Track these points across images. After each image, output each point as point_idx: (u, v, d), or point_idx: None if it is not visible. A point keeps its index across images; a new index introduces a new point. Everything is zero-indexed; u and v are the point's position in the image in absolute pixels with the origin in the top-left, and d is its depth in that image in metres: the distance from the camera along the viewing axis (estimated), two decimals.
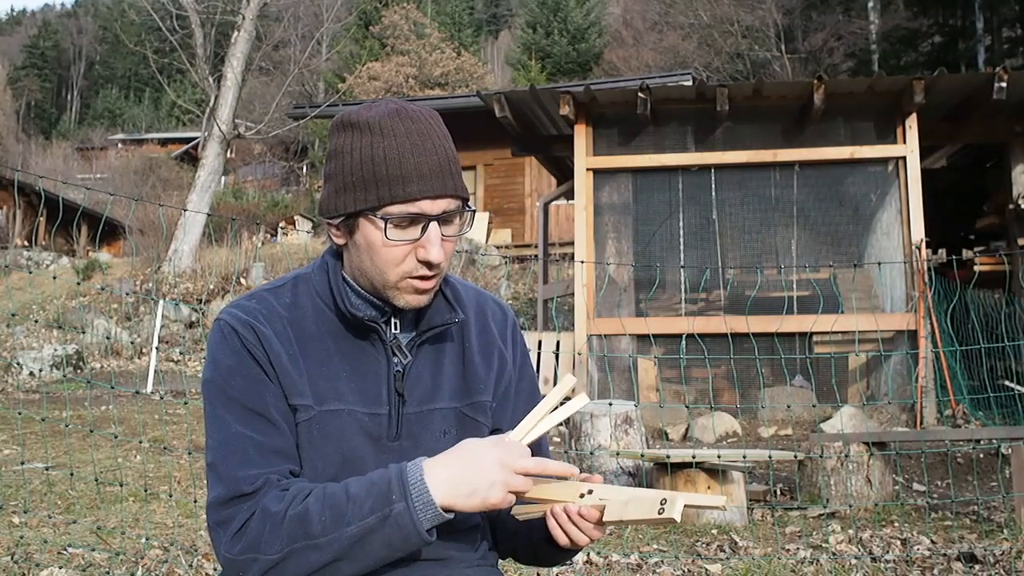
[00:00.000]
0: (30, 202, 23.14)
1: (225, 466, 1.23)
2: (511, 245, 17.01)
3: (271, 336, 1.27)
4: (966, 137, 8.33)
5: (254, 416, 1.24)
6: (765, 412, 7.22)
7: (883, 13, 27.49)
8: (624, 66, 29.88)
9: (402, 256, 1.24)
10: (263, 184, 32.92)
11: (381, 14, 29.14)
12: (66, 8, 75.11)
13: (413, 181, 1.21)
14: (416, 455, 1.28)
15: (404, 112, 1.26)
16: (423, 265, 1.25)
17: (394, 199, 1.22)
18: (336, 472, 1.26)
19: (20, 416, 5.68)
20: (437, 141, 1.25)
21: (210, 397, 1.27)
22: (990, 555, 3.63)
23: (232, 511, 1.20)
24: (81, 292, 15.28)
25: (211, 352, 1.29)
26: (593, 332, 7.51)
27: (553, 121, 8.36)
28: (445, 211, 1.24)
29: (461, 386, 1.36)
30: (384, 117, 1.25)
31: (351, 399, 1.28)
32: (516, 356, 1.45)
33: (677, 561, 3.63)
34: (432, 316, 1.34)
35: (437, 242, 1.24)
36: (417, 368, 1.33)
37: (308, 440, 1.26)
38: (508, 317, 1.47)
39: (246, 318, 1.28)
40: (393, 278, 1.26)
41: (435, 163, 1.23)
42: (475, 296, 1.45)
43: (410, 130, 1.24)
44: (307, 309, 1.32)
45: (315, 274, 1.36)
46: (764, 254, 8.01)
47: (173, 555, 3.52)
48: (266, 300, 1.32)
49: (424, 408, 1.32)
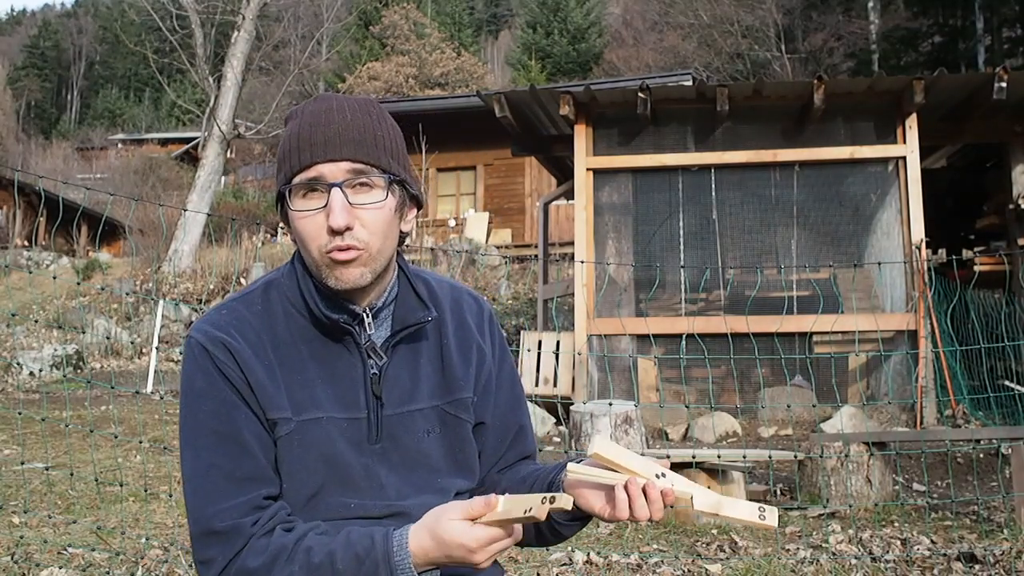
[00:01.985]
0: (30, 202, 23.13)
1: (195, 500, 1.22)
2: (511, 245, 17.01)
3: (243, 349, 1.25)
4: (966, 137, 8.33)
5: (225, 441, 1.22)
6: (765, 412, 7.22)
7: (883, 13, 27.49)
8: (624, 66, 29.89)
9: (316, 229, 1.23)
10: (263, 184, 32.89)
11: (381, 14, 29.14)
12: (66, 8, 75.13)
13: (307, 149, 1.22)
14: (398, 457, 1.28)
15: (320, 97, 1.29)
16: (333, 235, 1.21)
17: (293, 170, 1.23)
18: (322, 480, 1.25)
19: (20, 416, 5.68)
20: (344, 114, 1.25)
21: (183, 421, 1.26)
22: (990, 555, 3.62)
23: (210, 552, 1.20)
24: (81, 292, 15.28)
25: (183, 372, 1.27)
26: (593, 332, 7.51)
27: (553, 121, 8.36)
28: (352, 173, 1.23)
29: (441, 384, 1.35)
30: (306, 104, 1.28)
31: (328, 405, 1.27)
32: (494, 348, 1.43)
33: (677, 561, 3.63)
34: (406, 315, 1.33)
35: (339, 207, 1.20)
36: (394, 369, 1.31)
37: (290, 452, 1.24)
38: (484, 309, 1.45)
39: (217, 334, 1.26)
40: (316, 255, 1.24)
41: (333, 132, 1.23)
42: (450, 291, 1.43)
43: (316, 109, 1.26)
44: (278, 316, 1.30)
45: (284, 278, 1.33)
46: (764, 254, 8.01)
47: (173, 555, 3.52)
48: (237, 310, 1.30)
49: (404, 409, 1.31)
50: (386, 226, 1.26)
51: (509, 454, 1.44)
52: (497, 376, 1.43)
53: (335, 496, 1.25)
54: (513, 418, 1.44)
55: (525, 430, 1.45)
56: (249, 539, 1.18)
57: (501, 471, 1.43)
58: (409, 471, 1.30)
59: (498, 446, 1.42)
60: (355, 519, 1.24)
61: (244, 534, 1.19)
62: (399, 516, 1.26)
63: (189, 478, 1.23)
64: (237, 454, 1.22)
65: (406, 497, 1.28)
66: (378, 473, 1.28)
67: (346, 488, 1.26)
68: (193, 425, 1.24)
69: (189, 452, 1.24)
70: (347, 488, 1.26)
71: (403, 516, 1.25)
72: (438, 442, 1.33)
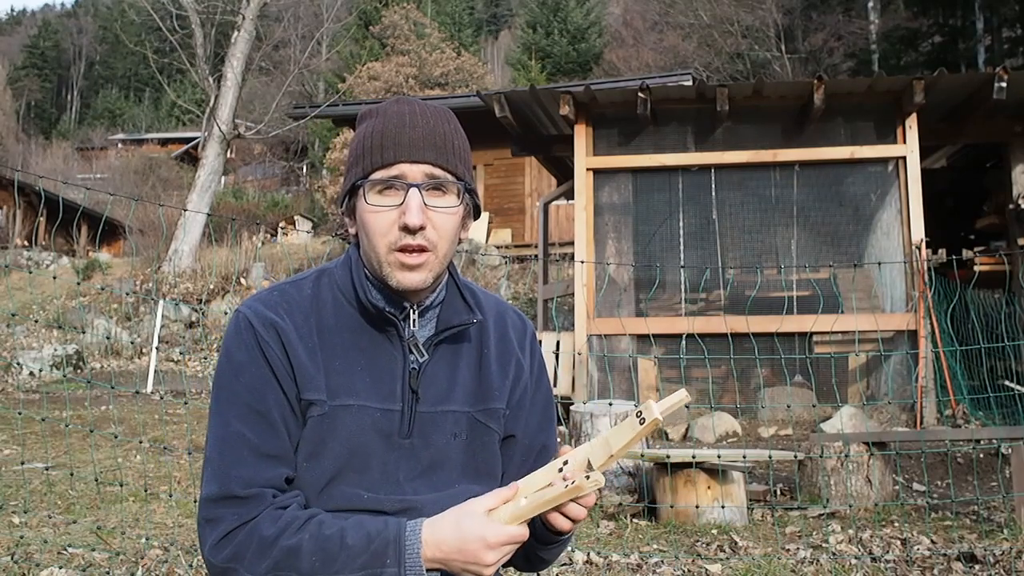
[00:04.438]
0: (30, 202, 23.14)
1: (220, 462, 1.24)
2: (511, 245, 17.00)
3: (290, 329, 1.28)
4: (966, 137, 8.33)
5: (255, 416, 1.25)
6: (765, 412, 7.22)
7: (883, 13, 27.49)
8: (624, 66, 29.87)
9: (387, 225, 1.26)
10: (263, 184, 32.95)
11: (381, 14, 29.10)
12: (66, 8, 75.16)
13: (391, 148, 1.26)
14: (425, 455, 1.30)
15: (408, 100, 1.32)
16: (405, 233, 1.24)
17: (374, 166, 1.26)
18: (341, 467, 1.27)
19: (20, 416, 5.68)
20: (431, 120, 1.29)
21: (217, 388, 1.29)
22: (990, 555, 3.62)
23: (222, 512, 1.21)
24: (81, 292, 15.28)
25: (226, 343, 1.30)
26: (593, 332, 7.51)
27: (553, 121, 8.36)
28: (430, 177, 1.26)
29: (476, 390, 1.37)
30: (389, 104, 1.31)
31: (364, 394, 1.29)
32: (533, 367, 1.46)
33: (677, 561, 3.63)
34: (451, 316, 1.36)
35: (416, 207, 1.24)
36: (433, 367, 1.34)
37: (318, 435, 1.27)
38: (528, 328, 1.48)
39: (266, 312, 1.29)
40: (382, 250, 1.27)
41: (419, 134, 1.27)
42: (495, 304, 1.47)
43: (403, 111, 1.29)
44: (327, 302, 1.33)
45: (338, 268, 1.37)
46: (764, 254, 8.01)
47: (173, 555, 3.52)
48: (287, 292, 1.33)
49: (438, 408, 1.33)
50: (453, 231, 1.30)
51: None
52: (533, 395, 1.45)
53: (351, 486, 1.27)
54: (540, 437, 1.46)
55: (548, 451, 1.46)
56: (266, 507, 1.22)
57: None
58: (430, 469, 1.32)
59: (522, 464, 1.44)
60: (367, 511, 1.26)
61: (263, 502, 1.22)
62: (411, 511, 1.27)
63: (216, 442, 1.26)
64: (266, 431, 1.25)
65: (420, 494, 1.30)
66: (396, 468, 1.30)
67: (362, 478, 1.28)
68: (228, 395, 1.27)
69: (219, 419, 1.27)
70: (363, 478, 1.28)
71: (415, 512, 1.27)
72: (462, 447, 1.34)
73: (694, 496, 4.35)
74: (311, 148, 32.11)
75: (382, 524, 1.20)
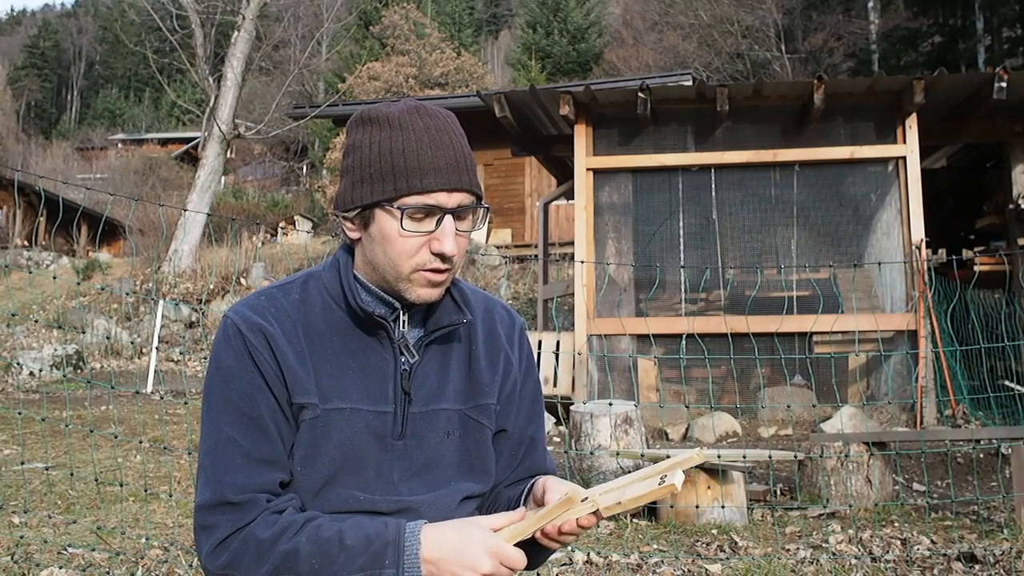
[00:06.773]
0: (30, 202, 23.14)
1: (213, 469, 1.24)
2: (511, 245, 17.01)
3: (278, 335, 1.28)
4: (966, 137, 8.33)
5: (247, 421, 1.25)
6: (765, 412, 7.22)
7: (883, 13, 27.49)
8: (624, 66, 29.87)
9: (416, 248, 1.26)
10: (263, 184, 32.94)
11: (381, 14, 29.09)
12: (66, 8, 75.15)
13: (430, 173, 1.24)
14: (420, 455, 1.31)
15: (422, 109, 1.29)
16: (437, 258, 1.26)
17: (411, 190, 1.24)
18: (336, 469, 1.27)
19: (20, 416, 5.68)
20: (454, 137, 1.28)
21: (208, 395, 1.28)
22: (990, 555, 3.62)
23: (217, 519, 1.22)
24: (81, 292, 15.28)
25: (215, 350, 1.30)
26: (593, 332, 7.51)
27: (553, 121, 8.36)
28: (460, 205, 1.26)
29: (466, 388, 1.38)
30: (403, 113, 1.28)
31: (356, 397, 1.29)
32: (522, 360, 1.46)
33: (677, 561, 3.63)
34: (440, 316, 1.36)
35: (451, 235, 1.25)
36: (424, 368, 1.34)
37: (312, 438, 1.27)
38: (516, 323, 1.49)
39: (254, 317, 1.29)
40: (406, 270, 1.27)
41: (451, 157, 1.26)
42: (483, 301, 1.47)
43: (428, 126, 1.27)
44: (316, 306, 1.33)
45: (326, 272, 1.37)
46: (764, 254, 8.01)
47: (173, 555, 3.52)
48: (275, 298, 1.33)
49: (430, 408, 1.33)
50: (466, 247, 1.32)
51: (520, 468, 1.46)
52: (521, 388, 1.45)
53: (346, 488, 1.28)
54: (528, 429, 1.47)
55: (536, 444, 1.47)
56: (261, 512, 1.22)
57: (507, 486, 1.45)
58: (425, 469, 1.32)
59: (511, 458, 1.45)
60: (364, 512, 1.27)
61: (258, 507, 1.22)
62: (408, 512, 1.28)
63: (209, 449, 1.26)
64: (259, 437, 1.25)
65: (416, 494, 1.31)
66: (391, 469, 1.30)
67: (358, 480, 1.28)
68: (219, 402, 1.27)
69: (211, 426, 1.27)
70: (358, 480, 1.28)
71: (411, 512, 1.27)
72: (456, 445, 1.35)
73: (694, 496, 4.36)
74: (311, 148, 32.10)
75: (382, 525, 1.20)
